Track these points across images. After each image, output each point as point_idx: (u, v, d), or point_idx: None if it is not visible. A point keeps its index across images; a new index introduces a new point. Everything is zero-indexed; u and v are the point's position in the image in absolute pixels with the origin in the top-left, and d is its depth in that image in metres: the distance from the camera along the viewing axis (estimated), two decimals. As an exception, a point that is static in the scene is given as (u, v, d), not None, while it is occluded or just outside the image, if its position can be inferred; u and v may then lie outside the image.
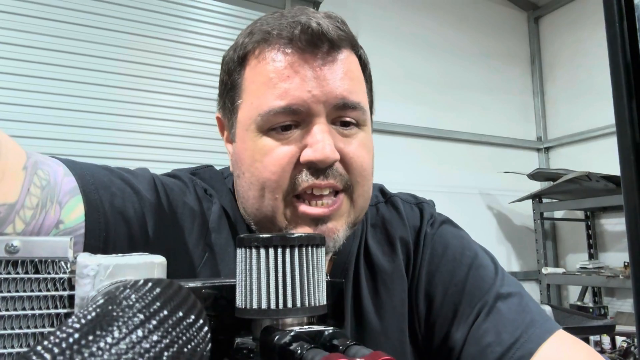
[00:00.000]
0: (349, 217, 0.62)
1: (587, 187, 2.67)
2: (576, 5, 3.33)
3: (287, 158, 0.59)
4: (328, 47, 0.59)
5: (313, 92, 0.58)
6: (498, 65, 3.42)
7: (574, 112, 3.31)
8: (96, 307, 0.19)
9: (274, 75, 0.58)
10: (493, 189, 3.22)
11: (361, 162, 0.62)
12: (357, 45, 0.65)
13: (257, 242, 0.39)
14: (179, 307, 0.21)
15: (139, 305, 0.19)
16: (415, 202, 0.80)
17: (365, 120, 0.64)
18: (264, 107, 0.59)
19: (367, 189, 0.64)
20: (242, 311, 0.38)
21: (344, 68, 0.60)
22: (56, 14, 2.04)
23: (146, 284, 0.21)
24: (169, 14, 2.29)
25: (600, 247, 3.12)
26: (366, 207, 0.67)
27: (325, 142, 0.57)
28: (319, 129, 0.58)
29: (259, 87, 0.60)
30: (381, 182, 0.84)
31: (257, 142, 0.60)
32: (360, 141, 0.62)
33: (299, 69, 0.58)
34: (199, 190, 0.66)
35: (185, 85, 2.28)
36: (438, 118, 3.07)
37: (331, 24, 0.60)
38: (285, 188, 0.59)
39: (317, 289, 0.39)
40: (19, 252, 0.30)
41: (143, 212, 0.55)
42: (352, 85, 0.61)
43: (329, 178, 0.59)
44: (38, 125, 1.96)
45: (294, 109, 0.58)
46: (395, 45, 3.00)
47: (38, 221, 0.46)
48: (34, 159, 0.47)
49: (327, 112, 0.59)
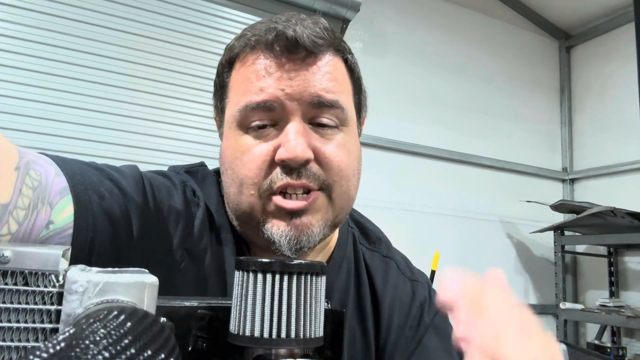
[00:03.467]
0: (326, 214, 0.63)
1: (611, 222, 2.60)
2: (609, 37, 3.28)
3: (262, 157, 0.60)
4: (305, 53, 0.61)
5: (286, 91, 0.60)
6: (526, 92, 3.37)
7: (602, 145, 3.24)
8: (61, 340, 0.18)
9: (252, 76, 0.61)
10: (514, 217, 3.16)
11: (338, 162, 0.62)
12: (343, 49, 0.66)
13: (256, 266, 0.37)
14: (148, 346, 0.20)
15: (105, 342, 0.18)
16: (410, 278, 0.79)
17: (345, 120, 0.64)
18: (242, 103, 0.61)
19: (347, 189, 0.64)
20: (235, 337, 0.37)
21: (322, 70, 0.62)
22: (63, 10, 2.06)
23: (118, 317, 0.20)
24: (178, 18, 2.29)
25: (622, 285, 3.02)
26: (347, 208, 0.67)
27: (297, 141, 0.58)
28: (292, 127, 0.60)
29: (240, 86, 0.63)
30: (400, 202, 0.84)
31: (238, 140, 0.62)
32: (339, 142, 0.63)
33: (275, 71, 0.60)
34: (188, 193, 0.66)
35: (191, 90, 2.29)
36: (462, 142, 3.04)
37: (311, 31, 0.61)
38: (261, 186, 0.60)
39: (314, 319, 0.38)
40: (10, 263, 0.30)
41: (129, 213, 0.56)
42: (330, 85, 0.62)
43: (302, 178, 0.60)
44: (38, 120, 1.96)
45: (268, 106, 0.60)
46: (422, 67, 2.99)
47: (30, 221, 0.46)
48: (26, 158, 0.47)
49: (302, 111, 0.60)
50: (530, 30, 3.47)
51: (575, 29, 3.50)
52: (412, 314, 0.74)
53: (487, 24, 3.28)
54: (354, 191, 0.66)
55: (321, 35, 0.61)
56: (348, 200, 0.65)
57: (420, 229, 2.78)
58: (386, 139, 2.73)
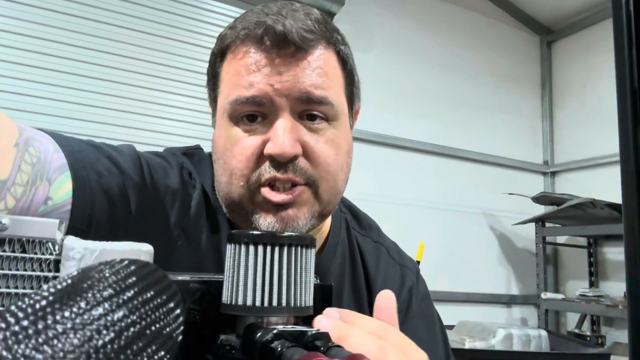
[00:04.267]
0: (312, 207, 0.64)
1: (591, 214, 2.66)
2: (590, 32, 3.33)
3: (251, 149, 0.61)
4: (294, 48, 0.61)
5: (275, 86, 0.60)
6: (508, 87, 3.42)
7: (582, 138, 3.30)
8: (69, 277, 0.19)
9: (242, 69, 0.62)
10: (497, 209, 3.21)
11: (325, 157, 0.63)
12: (335, 41, 0.66)
13: (247, 238, 0.39)
14: (151, 287, 0.21)
15: (110, 279, 0.19)
16: (399, 263, 0.81)
17: (335, 115, 0.64)
18: (232, 95, 0.62)
19: (334, 184, 0.65)
20: (227, 307, 0.38)
21: (312, 65, 0.62)
22: (63, 6, 2.06)
23: (122, 261, 0.21)
24: (178, 14, 2.31)
25: (601, 275, 3.09)
26: (334, 201, 0.68)
27: (285, 137, 0.59)
28: (281, 123, 0.60)
29: (231, 78, 0.63)
30: (385, 195, 0.86)
31: (229, 131, 0.63)
32: (329, 137, 0.64)
33: (264, 65, 0.61)
34: (184, 174, 0.67)
35: (190, 86, 2.29)
36: (446, 136, 3.07)
37: (302, 24, 0.61)
38: (249, 177, 0.62)
39: (304, 289, 0.39)
40: (7, 230, 0.30)
41: (127, 191, 0.56)
42: (319, 81, 0.62)
43: (288, 172, 0.61)
44: (35, 115, 1.96)
45: (258, 101, 0.61)
46: (407, 61, 3.01)
47: (28, 197, 0.46)
48: (26, 135, 0.48)
49: (291, 106, 0.61)
50: (512, 25, 3.52)
51: (556, 24, 3.55)
52: (401, 298, 0.76)
53: (470, 19, 3.31)
54: (341, 185, 0.67)
55: (312, 28, 0.62)
56: (335, 194, 0.67)
57: (406, 221, 2.80)
58: (371, 133, 2.75)
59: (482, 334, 2.15)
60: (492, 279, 3.13)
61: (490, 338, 2.09)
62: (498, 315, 3.12)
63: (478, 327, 2.23)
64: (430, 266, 2.24)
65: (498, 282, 3.16)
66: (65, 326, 0.16)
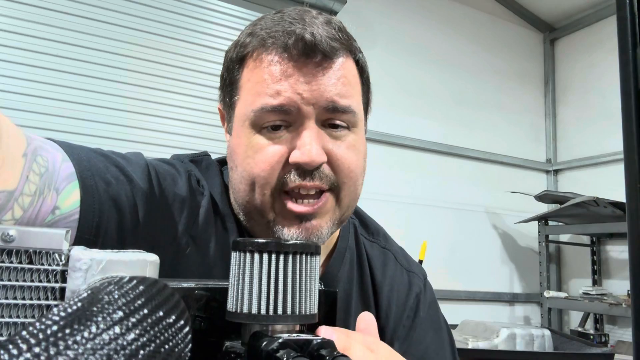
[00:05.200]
0: (334, 214, 0.65)
1: (594, 212, 2.65)
2: (593, 30, 3.32)
3: (276, 157, 0.61)
4: (321, 57, 0.61)
5: (304, 95, 0.60)
6: (511, 85, 3.41)
7: (585, 136, 3.29)
8: (78, 300, 0.19)
9: (267, 77, 0.61)
10: (499, 208, 3.21)
11: (349, 164, 0.64)
12: (354, 50, 0.66)
13: (252, 246, 0.39)
14: (160, 307, 0.21)
15: (120, 302, 0.19)
16: (407, 269, 0.82)
17: (356, 122, 0.65)
18: (257, 104, 0.61)
19: (354, 189, 0.66)
20: (232, 315, 0.38)
21: (336, 74, 0.62)
22: (64, 6, 2.07)
23: (131, 281, 0.21)
24: (182, 14, 2.32)
25: (604, 273, 3.08)
26: (353, 205, 0.69)
27: (312, 146, 0.60)
28: (307, 132, 0.61)
29: (254, 86, 0.63)
30: (387, 194, 0.86)
31: (251, 139, 0.63)
32: (350, 143, 0.64)
33: (291, 74, 0.61)
34: (193, 181, 0.67)
35: (194, 86, 2.30)
36: (448, 134, 3.07)
37: (327, 33, 0.61)
38: (273, 185, 0.62)
39: (309, 297, 0.39)
40: (15, 242, 0.31)
41: (135, 200, 0.56)
42: (344, 90, 0.63)
43: (315, 179, 0.61)
44: (41, 115, 1.98)
45: (285, 109, 0.60)
46: (409, 59, 3.01)
47: (35, 208, 0.46)
48: (34, 145, 0.48)
49: (317, 115, 0.61)
50: (515, 23, 3.51)
51: (560, 21, 3.54)
52: (409, 303, 0.77)
53: (473, 17, 3.30)
54: (360, 189, 0.69)
55: (337, 37, 0.62)
56: (354, 199, 0.68)
57: (408, 220, 2.80)
58: (373, 131, 2.74)
59: (485, 333, 2.15)
60: (495, 277, 3.13)
61: (494, 338, 2.09)
62: (501, 313, 3.12)
63: (481, 326, 2.23)
64: (433, 264, 2.24)
65: (501, 281, 3.16)
66: (77, 351, 0.16)
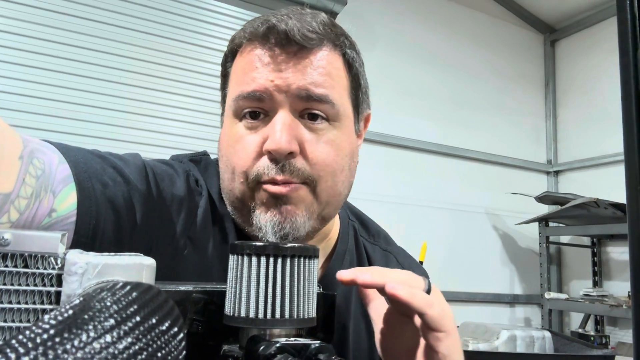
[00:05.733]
0: (311, 206, 0.63)
1: (594, 213, 2.65)
2: (593, 31, 3.32)
3: (252, 147, 0.62)
4: (297, 47, 0.62)
5: (275, 82, 0.61)
6: (512, 86, 3.41)
7: (586, 137, 3.29)
8: (70, 307, 0.19)
9: (247, 66, 0.63)
10: (500, 209, 3.20)
11: (324, 157, 0.63)
12: (341, 44, 0.66)
13: (250, 249, 0.38)
14: (153, 313, 0.20)
15: (112, 309, 0.19)
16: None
17: (336, 115, 0.64)
18: (236, 92, 0.63)
19: (332, 184, 0.64)
20: (230, 319, 0.38)
21: (313, 64, 0.62)
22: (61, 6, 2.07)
23: (124, 287, 0.21)
24: (180, 15, 2.31)
25: (605, 275, 3.08)
26: (334, 202, 0.67)
27: (282, 133, 0.59)
28: (279, 118, 0.61)
29: (236, 76, 0.65)
30: (387, 194, 0.85)
31: (233, 129, 0.64)
32: (329, 138, 0.63)
33: (267, 63, 0.62)
34: (191, 181, 0.67)
35: (192, 87, 2.30)
36: (449, 135, 3.07)
37: (306, 25, 0.62)
38: (249, 175, 0.62)
39: (307, 301, 0.39)
40: (10, 245, 0.30)
41: (132, 201, 0.56)
42: (321, 80, 0.62)
43: (285, 172, 0.61)
44: (39, 116, 1.97)
45: (258, 96, 0.61)
46: (410, 61, 3.01)
47: (32, 210, 0.46)
48: (30, 147, 0.48)
49: (290, 103, 0.61)
50: (515, 24, 3.50)
51: (560, 22, 3.54)
52: None
53: (473, 18, 3.30)
54: (341, 187, 0.66)
55: (316, 29, 0.62)
56: (334, 195, 0.66)
57: (408, 221, 2.80)
58: (373, 132, 2.74)
59: (486, 335, 2.14)
60: (495, 278, 3.13)
61: (494, 339, 2.09)
62: (501, 315, 3.11)
63: (481, 328, 2.22)
64: (433, 266, 2.23)
65: (501, 282, 3.15)
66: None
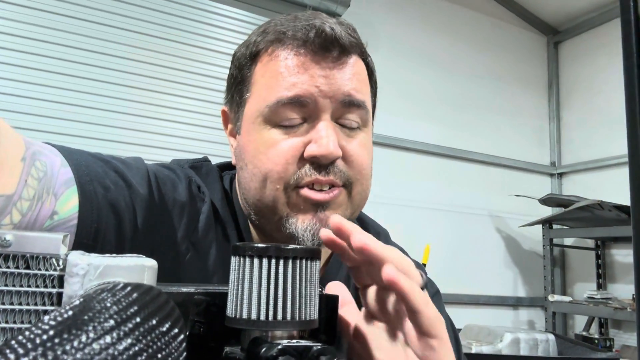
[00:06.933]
0: (346, 210, 0.64)
1: (598, 215, 2.64)
2: (596, 33, 3.31)
3: (291, 151, 0.60)
4: (339, 52, 0.61)
5: (321, 88, 0.60)
6: (515, 88, 3.40)
7: (589, 139, 3.28)
8: (70, 308, 0.19)
9: (284, 71, 0.61)
10: (503, 211, 3.19)
11: (362, 161, 0.64)
12: (365, 52, 0.67)
13: (252, 251, 0.38)
14: (154, 314, 0.20)
15: (112, 310, 0.19)
16: None
17: (367, 121, 0.65)
18: (272, 97, 0.61)
19: (365, 187, 0.66)
20: (232, 320, 0.38)
21: (352, 70, 0.63)
22: (70, 10, 2.08)
23: (124, 288, 0.21)
24: (181, 17, 2.32)
25: (609, 277, 3.06)
26: (362, 204, 0.68)
27: (329, 138, 0.59)
28: (324, 125, 0.60)
29: (269, 81, 0.62)
30: (391, 197, 0.85)
31: (263, 134, 0.62)
32: (361, 141, 0.64)
33: (309, 67, 0.60)
34: (193, 187, 0.66)
35: (195, 88, 2.30)
36: (452, 137, 3.06)
37: (343, 30, 0.62)
38: (287, 180, 0.61)
39: (309, 302, 0.38)
40: (11, 247, 0.30)
41: (134, 205, 0.56)
42: (359, 86, 0.63)
43: (329, 174, 0.60)
44: (42, 118, 1.98)
45: (302, 101, 0.60)
46: (413, 63, 3.01)
47: (34, 212, 0.46)
48: (32, 149, 0.48)
49: (333, 109, 0.61)
50: (518, 26, 3.50)
51: (563, 24, 3.53)
52: None
53: (476, 20, 3.30)
54: (369, 189, 0.68)
55: (353, 35, 0.63)
56: (364, 198, 0.67)
57: (412, 223, 2.80)
58: (376, 134, 2.74)
59: (489, 337, 2.13)
60: (498, 281, 3.12)
61: (497, 342, 2.08)
62: (505, 317, 3.10)
63: (485, 330, 2.21)
64: (436, 268, 2.23)
65: (505, 285, 3.14)
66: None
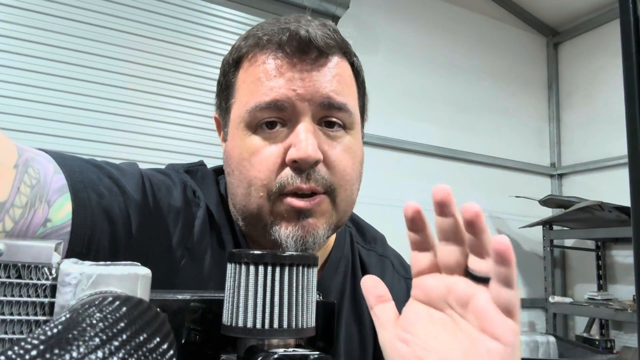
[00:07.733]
0: (330, 217, 0.63)
1: (599, 216, 2.63)
2: (596, 34, 3.31)
3: (272, 158, 0.60)
4: (316, 54, 0.61)
5: (298, 91, 0.59)
6: (515, 89, 3.40)
7: (590, 140, 3.27)
8: (58, 324, 0.18)
9: (262, 76, 0.60)
10: (503, 212, 3.19)
11: (344, 166, 0.62)
12: (349, 52, 0.66)
13: (248, 258, 0.38)
14: (142, 330, 0.20)
15: (99, 326, 0.19)
16: (404, 276, 0.80)
17: (352, 123, 0.64)
18: (251, 103, 0.60)
19: (350, 193, 0.65)
20: (227, 328, 0.38)
21: (332, 72, 0.62)
22: (64, 12, 2.07)
23: (113, 302, 0.21)
24: (181, 19, 2.31)
25: (610, 278, 3.06)
26: (349, 210, 0.67)
27: (308, 141, 0.58)
28: (303, 127, 0.59)
29: (249, 86, 0.62)
30: (389, 198, 0.85)
31: (246, 141, 0.61)
32: (346, 145, 0.63)
33: (286, 71, 0.60)
34: (189, 192, 0.66)
35: (193, 90, 2.30)
36: (452, 138, 3.06)
37: (321, 31, 0.61)
38: (269, 188, 0.60)
39: (305, 310, 0.38)
40: (3, 256, 0.30)
41: (128, 211, 0.56)
42: (340, 88, 0.62)
43: (310, 181, 0.60)
44: (34, 120, 1.97)
45: (279, 105, 0.59)
46: (412, 64, 3.00)
47: (27, 220, 0.46)
48: (25, 156, 0.47)
49: (312, 112, 0.60)
50: (518, 27, 3.50)
51: (563, 25, 3.53)
52: None
53: (476, 21, 3.29)
54: (355, 195, 0.67)
55: (331, 36, 0.62)
56: (350, 204, 0.66)
57: (411, 225, 2.78)
58: (375, 136, 2.74)
59: (490, 339, 2.12)
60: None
61: (498, 344, 2.07)
62: (505, 319, 3.09)
63: (485, 332, 2.20)
64: (437, 271, 2.22)
65: (505, 286, 3.13)
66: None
